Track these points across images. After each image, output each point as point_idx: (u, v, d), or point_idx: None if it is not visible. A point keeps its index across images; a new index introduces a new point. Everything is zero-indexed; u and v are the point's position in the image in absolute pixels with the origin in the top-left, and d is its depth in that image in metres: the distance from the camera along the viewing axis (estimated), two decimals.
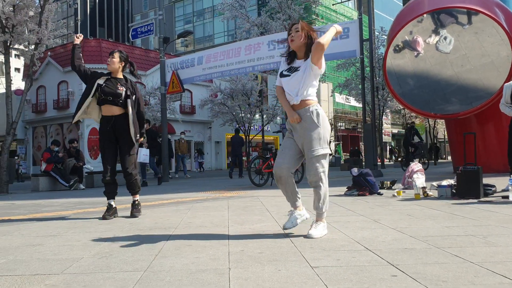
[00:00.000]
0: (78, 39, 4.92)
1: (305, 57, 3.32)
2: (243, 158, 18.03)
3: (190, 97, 33.87)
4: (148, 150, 11.88)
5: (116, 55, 4.80)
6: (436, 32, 11.06)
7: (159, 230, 3.87)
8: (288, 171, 3.34)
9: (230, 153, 18.17)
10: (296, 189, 3.44)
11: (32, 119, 31.78)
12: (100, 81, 4.72)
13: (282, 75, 3.40)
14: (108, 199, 4.86)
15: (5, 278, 2.35)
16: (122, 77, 4.86)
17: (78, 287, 2.15)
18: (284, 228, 3.51)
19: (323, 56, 3.27)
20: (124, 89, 4.74)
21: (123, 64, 4.85)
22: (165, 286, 2.13)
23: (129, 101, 4.73)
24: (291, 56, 3.41)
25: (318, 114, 3.26)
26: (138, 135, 4.81)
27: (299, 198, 3.47)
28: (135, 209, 4.86)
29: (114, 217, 4.79)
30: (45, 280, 2.30)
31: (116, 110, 4.74)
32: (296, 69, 3.32)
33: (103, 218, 4.68)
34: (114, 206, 4.85)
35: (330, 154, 3.36)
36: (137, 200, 4.95)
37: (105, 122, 4.78)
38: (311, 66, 3.24)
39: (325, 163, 3.29)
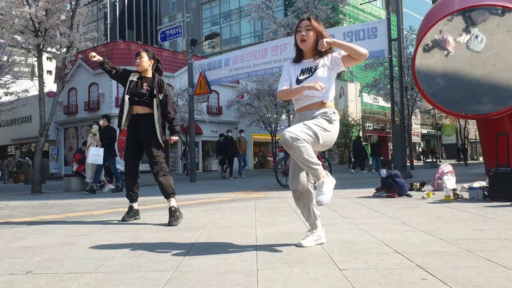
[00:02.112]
0: (95, 57, 4.68)
1: (315, 56, 3.05)
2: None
3: (217, 98, 34.10)
4: (101, 149, 10.37)
5: (144, 54, 4.70)
6: (467, 30, 10.83)
7: (188, 230, 3.92)
8: (305, 185, 3.06)
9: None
10: (314, 206, 3.10)
11: (63, 121, 32.58)
12: (133, 77, 4.65)
13: (298, 81, 3.04)
14: (130, 202, 4.76)
15: (40, 276, 2.42)
16: (151, 75, 4.73)
17: (111, 286, 2.20)
18: (301, 246, 3.05)
19: None
20: (149, 88, 4.60)
21: (152, 62, 4.74)
22: (194, 286, 2.16)
23: (155, 100, 4.60)
24: (297, 56, 3.13)
25: (335, 120, 2.96)
26: (164, 136, 4.70)
27: (318, 216, 3.15)
28: (172, 217, 4.35)
29: (135, 219, 4.71)
30: (78, 278, 2.36)
31: (139, 109, 4.62)
32: (311, 69, 3.03)
33: (122, 220, 4.64)
34: (135, 208, 4.76)
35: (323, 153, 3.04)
36: (173, 206, 4.45)
37: (130, 121, 4.66)
38: (335, 64, 3.00)
39: (311, 140, 2.79)
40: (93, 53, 4.69)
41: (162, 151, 4.68)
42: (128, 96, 4.59)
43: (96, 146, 10.41)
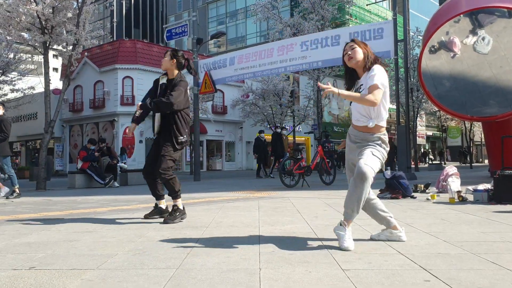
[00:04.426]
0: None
1: (364, 72, 3.12)
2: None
3: (222, 97, 34.14)
4: None
5: (167, 54, 4.62)
6: (473, 32, 10.77)
7: (191, 229, 3.92)
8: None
9: None
10: (379, 210, 3.20)
11: (69, 118, 32.69)
12: (163, 79, 4.61)
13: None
14: (155, 200, 4.73)
15: (44, 272, 2.43)
16: (174, 75, 4.59)
17: (113, 283, 2.21)
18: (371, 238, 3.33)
19: (380, 96, 2.99)
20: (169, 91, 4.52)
21: (175, 62, 4.59)
22: (196, 284, 2.16)
23: None
24: (349, 77, 3.23)
25: (383, 141, 3.10)
26: (180, 137, 4.48)
27: (387, 217, 3.20)
28: (168, 216, 4.41)
29: (161, 217, 4.61)
30: (81, 274, 2.37)
31: None
32: (360, 87, 3.12)
33: (144, 217, 4.65)
34: (160, 206, 4.69)
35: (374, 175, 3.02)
36: (176, 205, 4.44)
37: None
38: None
39: (369, 175, 2.95)
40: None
41: (173, 152, 4.47)
42: None
43: None
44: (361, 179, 2.92)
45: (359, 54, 3.09)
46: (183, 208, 4.50)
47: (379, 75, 3.00)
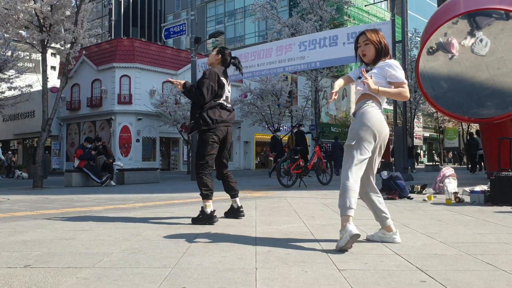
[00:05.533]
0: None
1: (373, 64, 3.19)
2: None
3: None
4: None
5: (215, 49, 4.64)
6: (471, 34, 10.79)
7: (187, 228, 3.91)
8: (362, 188, 3.15)
9: (332, 158, 17.61)
10: (381, 207, 3.17)
11: (66, 116, 32.63)
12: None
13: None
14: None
15: (39, 270, 2.42)
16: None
17: (109, 281, 2.20)
18: (366, 238, 3.30)
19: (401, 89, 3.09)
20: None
21: (220, 57, 4.57)
22: (192, 283, 2.16)
23: None
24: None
25: (364, 111, 3.06)
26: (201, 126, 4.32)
27: (384, 216, 3.17)
28: (194, 218, 4.24)
29: (237, 217, 4.57)
30: (77, 273, 2.36)
31: None
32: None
33: (225, 215, 4.67)
34: (232, 206, 4.67)
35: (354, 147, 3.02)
36: (202, 206, 4.21)
37: None
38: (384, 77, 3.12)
39: (349, 156, 3.03)
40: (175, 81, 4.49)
41: (200, 148, 4.33)
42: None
43: None
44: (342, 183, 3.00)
45: (371, 51, 3.18)
46: (211, 212, 4.16)
47: (401, 72, 3.13)
